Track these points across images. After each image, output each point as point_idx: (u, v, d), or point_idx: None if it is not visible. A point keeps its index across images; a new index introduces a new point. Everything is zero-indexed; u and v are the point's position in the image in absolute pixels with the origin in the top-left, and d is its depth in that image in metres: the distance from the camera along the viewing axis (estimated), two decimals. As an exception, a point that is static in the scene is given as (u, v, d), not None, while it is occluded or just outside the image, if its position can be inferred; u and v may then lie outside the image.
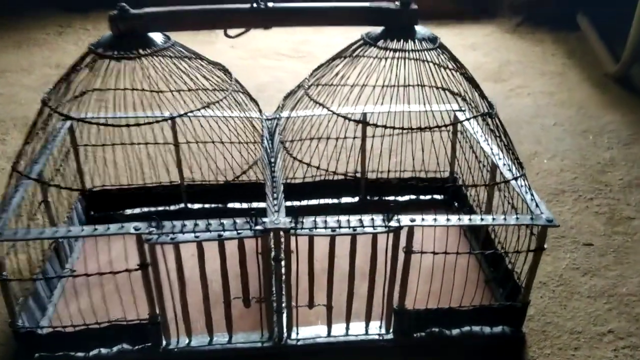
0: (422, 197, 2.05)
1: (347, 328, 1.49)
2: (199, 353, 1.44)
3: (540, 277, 1.72)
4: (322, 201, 2.01)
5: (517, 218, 1.35)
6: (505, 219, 1.34)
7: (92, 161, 1.89)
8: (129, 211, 1.97)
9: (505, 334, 1.51)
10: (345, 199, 2.03)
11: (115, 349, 1.44)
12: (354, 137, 1.86)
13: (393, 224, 1.31)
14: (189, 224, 1.29)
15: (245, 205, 1.99)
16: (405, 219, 1.31)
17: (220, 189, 1.93)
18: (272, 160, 1.59)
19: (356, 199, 2.04)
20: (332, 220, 1.32)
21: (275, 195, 1.42)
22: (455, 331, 1.50)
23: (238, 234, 1.29)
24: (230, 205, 1.99)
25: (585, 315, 1.61)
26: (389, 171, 1.98)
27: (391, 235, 1.33)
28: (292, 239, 1.31)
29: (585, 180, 2.25)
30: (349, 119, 1.40)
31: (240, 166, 1.72)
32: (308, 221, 1.31)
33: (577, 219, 2.02)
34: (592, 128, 2.66)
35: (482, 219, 1.34)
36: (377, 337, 1.48)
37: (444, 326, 1.50)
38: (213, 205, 1.99)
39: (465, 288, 1.44)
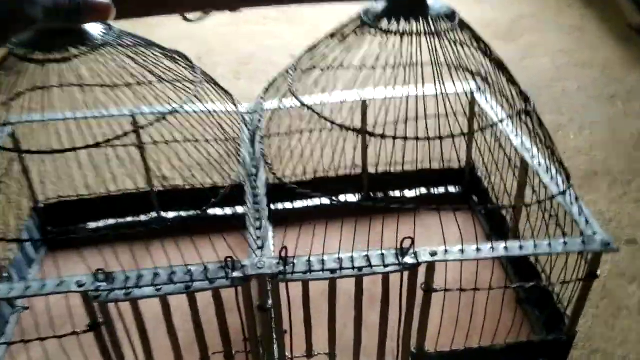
0: (434, 190, 1.76)
1: (355, 375, 1.22)
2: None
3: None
4: (320, 202, 1.72)
5: (566, 243, 1.06)
6: (550, 244, 1.06)
7: (44, 168, 1.59)
8: (92, 224, 1.69)
9: (546, 369, 1.25)
10: (346, 197, 1.74)
11: (73, 415, 1.18)
12: (354, 130, 1.56)
13: (409, 260, 1.02)
14: (147, 273, 1.00)
15: (228, 211, 1.70)
16: (424, 254, 1.03)
17: (197, 194, 1.64)
18: (254, 170, 1.29)
19: (358, 196, 1.75)
20: (331, 259, 1.03)
21: (258, 223, 1.13)
22: (485, 371, 1.24)
23: (211, 283, 1.00)
24: (210, 211, 1.70)
25: (639, 338, 1.35)
26: (396, 163, 1.69)
27: (406, 273, 1.05)
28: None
29: (618, 158, 1.95)
30: (347, 128, 1.09)
31: (219, 174, 1.43)
32: (301, 262, 1.02)
33: (614, 209, 1.73)
34: (620, 92, 2.34)
35: (521, 247, 1.05)
36: (391, 384, 1.22)
37: (472, 365, 1.24)
38: (191, 213, 1.70)
39: (499, 321, 1.17)
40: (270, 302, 1.07)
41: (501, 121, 1.32)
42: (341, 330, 1.18)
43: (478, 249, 1.04)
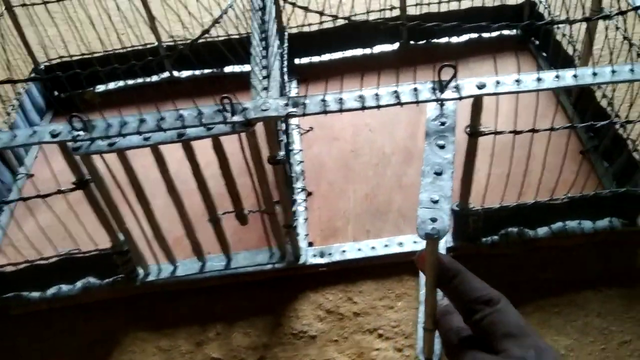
0: (485, 35, 1.50)
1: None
2: (190, 283, 1.07)
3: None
4: (348, 54, 1.50)
5: (651, 68, 0.82)
6: (632, 70, 0.83)
7: (39, 24, 1.40)
8: (101, 87, 1.53)
9: (615, 228, 1.05)
10: (381, 47, 1.51)
11: (79, 283, 1.08)
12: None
13: (449, 94, 0.82)
14: (132, 120, 0.84)
15: (247, 68, 1.50)
16: (468, 86, 0.82)
17: (209, 49, 1.43)
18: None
19: (396, 45, 1.52)
20: (351, 96, 0.84)
21: (263, 61, 0.94)
22: (542, 231, 1.06)
23: (207, 130, 0.83)
24: (227, 69, 1.52)
25: None
26: (439, 2, 1.44)
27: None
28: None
29: None
30: None
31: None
32: (314, 102, 0.84)
33: None
34: None
35: (595, 74, 0.82)
36: (430, 247, 1.06)
37: (526, 225, 1.06)
38: (205, 71, 1.52)
39: (560, 175, 0.97)
40: (282, 153, 0.90)
41: None
42: (366, 194, 1.02)
43: (539, 79, 0.82)
